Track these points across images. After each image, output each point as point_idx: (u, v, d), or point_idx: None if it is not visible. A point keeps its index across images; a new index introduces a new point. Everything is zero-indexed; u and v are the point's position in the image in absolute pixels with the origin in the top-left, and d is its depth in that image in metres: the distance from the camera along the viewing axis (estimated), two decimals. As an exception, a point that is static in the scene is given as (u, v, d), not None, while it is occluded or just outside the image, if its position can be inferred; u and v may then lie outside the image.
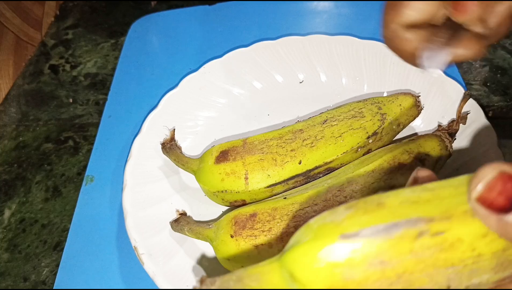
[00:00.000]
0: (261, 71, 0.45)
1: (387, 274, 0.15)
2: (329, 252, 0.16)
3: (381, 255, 0.15)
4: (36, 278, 0.36)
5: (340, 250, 0.15)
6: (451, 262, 0.16)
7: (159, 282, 0.30)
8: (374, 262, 0.15)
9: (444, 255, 0.16)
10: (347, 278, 0.15)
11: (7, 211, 0.41)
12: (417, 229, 0.15)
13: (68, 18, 0.63)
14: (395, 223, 0.15)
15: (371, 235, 0.15)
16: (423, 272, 0.15)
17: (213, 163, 0.34)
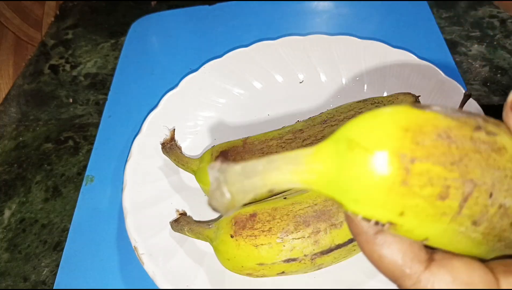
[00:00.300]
0: (261, 71, 0.45)
1: (452, 151, 0.15)
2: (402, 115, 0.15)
3: (448, 130, 0.15)
4: (36, 278, 0.36)
5: (413, 115, 0.15)
6: (498, 165, 0.16)
7: (159, 282, 0.30)
8: (443, 135, 0.15)
9: (494, 155, 0.16)
10: (418, 142, 0.15)
11: (7, 211, 0.41)
12: (476, 122, 0.16)
13: (68, 18, 0.63)
14: (459, 110, 0.16)
15: (441, 111, 0.16)
16: (477, 164, 0.15)
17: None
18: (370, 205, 0.15)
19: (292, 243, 0.28)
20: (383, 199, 0.15)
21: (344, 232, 0.29)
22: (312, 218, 0.29)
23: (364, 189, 0.15)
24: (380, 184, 0.14)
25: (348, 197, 0.15)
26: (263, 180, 0.15)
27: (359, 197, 0.15)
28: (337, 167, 0.15)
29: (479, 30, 0.50)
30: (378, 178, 0.14)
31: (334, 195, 0.15)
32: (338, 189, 0.15)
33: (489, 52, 0.47)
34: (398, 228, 0.15)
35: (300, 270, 0.30)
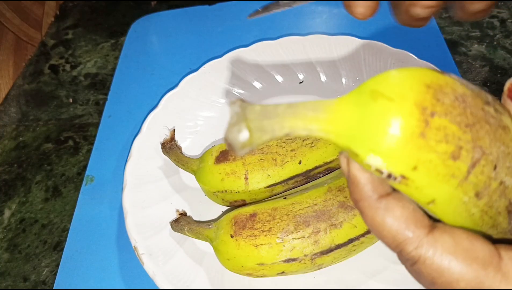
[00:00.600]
0: (261, 71, 0.45)
1: (467, 114, 0.16)
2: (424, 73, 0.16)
3: (465, 96, 0.16)
4: (36, 278, 0.36)
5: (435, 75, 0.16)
6: (503, 140, 0.16)
7: (159, 282, 0.30)
8: (459, 99, 0.16)
9: (500, 131, 0.16)
10: (439, 99, 0.15)
11: (7, 211, 0.41)
12: (486, 97, 0.17)
13: (68, 18, 0.63)
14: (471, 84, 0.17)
15: (458, 79, 0.17)
16: (487, 133, 0.16)
17: (213, 163, 0.34)
18: (387, 155, 0.15)
19: (292, 243, 0.28)
20: (400, 150, 0.15)
21: (344, 232, 0.29)
22: (312, 218, 0.29)
23: (383, 138, 0.15)
24: (399, 135, 0.15)
25: (365, 147, 0.15)
26: (282, 122, 0.15)
27: (377, 147, 0.15)
28: (358, 116, 0.15)
29: (479, 30, 0.50)
30: (398, 128, 0.15)
31: (351, 144, 0.16)
32: (356, 138, 0.15)
33: (489, 52, 0.47)
34: (409, 184, 0.16)
35: (300, 270, 0.30)
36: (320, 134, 0.16)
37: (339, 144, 0.16)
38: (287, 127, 0.15)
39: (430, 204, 0.16)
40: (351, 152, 0.16)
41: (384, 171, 0.15)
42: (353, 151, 0.16)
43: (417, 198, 0.16)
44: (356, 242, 0.29)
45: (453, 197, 0.16)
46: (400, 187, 0.16)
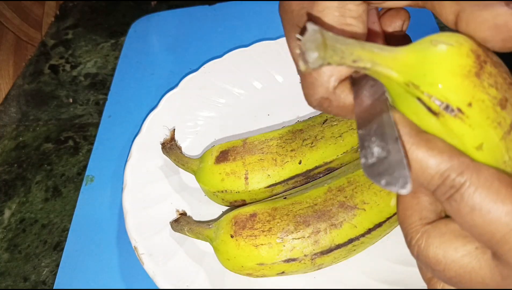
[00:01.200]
0: (261, 71, 0.45)
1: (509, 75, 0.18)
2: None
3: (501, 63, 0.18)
4: (36, 278, 0.36)
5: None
6: None
7: (159, 282, 0.30)
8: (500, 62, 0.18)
9: None
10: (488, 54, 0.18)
11: (7, 211, 0.41)
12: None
13: (68, 18, 0.63)
14: None
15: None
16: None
17: (213, 163, 0.34)
18: (446, 87, 0.17)
19: (292, 243, 0.28)
20: (458, 83, 0.17)
21: (344, 232, 0.29)
22: (312, 218, 0.29)
23: (443, 73, 0.17)
24: (458, 69, 0.17)
25: (426, 80, 0.17)
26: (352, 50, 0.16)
27: (437, 79, 0.17)
28: (419, 56, 0.17)
29: (479, 30, 0.50)
30: (457, 65, 0.17)
31: (412, 78, 0.17)
32: (417, 73, 0.17)
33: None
34: (464, 119, 0.17)
35: (300, 270, 0.30)
36: (382, 69, 0.17)
37: (399, 79, 0.17)
38: (355, 55, 0.16)
39: (478, 149, 0.17)
40: (411, 85, 0.17)
41: (444, 102, 0.17)
42: (414, 83, 0.17)
43: (467, 139, 0.17)
44: (356, 242, 0.29)
45: (497, 149, 0.17)
46: (454, 123, 0.17)
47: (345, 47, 0.16)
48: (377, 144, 0.17)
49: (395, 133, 0.17)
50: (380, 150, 0.17)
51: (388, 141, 0.17)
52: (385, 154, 0.17)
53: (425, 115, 0.17)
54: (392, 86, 0.18)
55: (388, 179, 0.16)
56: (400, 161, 0.16)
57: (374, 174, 0.17)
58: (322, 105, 0.21)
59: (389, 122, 0.18)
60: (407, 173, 0.16)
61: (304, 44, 0.15)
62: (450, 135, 0.17)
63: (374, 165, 0.17)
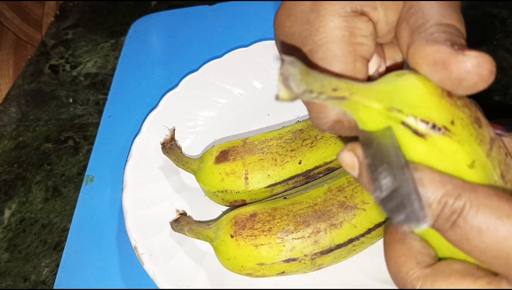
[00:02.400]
0: (261, 71, 0.45)
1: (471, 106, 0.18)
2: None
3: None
4: (36, 278, 0.36)
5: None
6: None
7: (159, 282, 0.30)
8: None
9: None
10: None
11: (7, 211, 0.41)
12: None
13: (68, 18, 0.63)
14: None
15: None
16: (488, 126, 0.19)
17: (213, 163, 0.34)
18: (427, 107, 0.17)
19: (292, 243, 0.28)
20: (437, 102, 0.17)
21: (344, 232, 0.29)
22: (312, 218, 0.29)
23: (420, 94, 0.17)
24: (433, 90, 0.17)
25: (407, 104, 0.17)
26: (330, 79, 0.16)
27: (417, 101, 0.17)
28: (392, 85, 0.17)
29: (479, 30, 0.50)
30: (430, 87, 0.17)
31: (393, 104, 0.17)
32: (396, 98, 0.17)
33: (489, 52, 0.47)
34: (452, 136, 0.17)
35: (300, 270, 0.30)
36: (361, 98, 0.17)
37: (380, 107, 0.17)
38: (334, 84, 0.16)
39: (471, 167, 0.17)
40: (394, 110, 0.17)
41: (429, 121, 0.17)
42: (396, 108, 0.17)
43: (460, 157, 0.17)
44: (356, 242, 0.29)
45: (486, 166, 0.17)
46: (444, 142, 0.17)
47: (323, 76, 0.16)
48: (385, 174, 0.16)
49: (401, 159, 0.16)
50: (389, 181, 0.16)
51: (395, 168, 0.16)
52: (395, 185, 0.16)
53: (410, 140, 0.17)
54: (371, 118, 0.17)
55: (406, 214, 0.15)
56: (412, 192, 0.16)
57: (391, 210, 0.16)
58: (334, 128, 0.20)
59: (393, 146, 0.17)
60: (423, 205, 0.15)
61: (286, 71, 0.15)
62: (441, 156, 0.17)
63: (387, 199, 0.16)
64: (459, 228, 0.16)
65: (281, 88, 0.15)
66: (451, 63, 0.16)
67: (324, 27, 0.19)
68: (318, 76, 0.15)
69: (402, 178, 0.16)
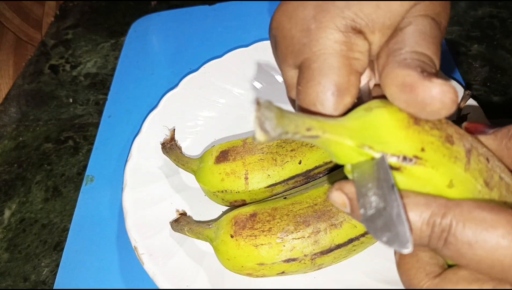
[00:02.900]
0: (261, 71, 0.45)
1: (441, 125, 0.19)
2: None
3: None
4: (36, 278, 0.36)
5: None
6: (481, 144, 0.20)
7: (159, 282, 0.30)
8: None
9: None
10: None
11: (7, 211, 0.41)
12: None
13: (68, 18, 0.63)
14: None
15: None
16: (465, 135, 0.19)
17: (213, 163, 0.34)
18: (397, 142, 0.17)
19: (292, 243, 0.28)
20: (404, 135, 0.17)
21: (344, 232, 0.29)
22: (312, 218, 0.29)
23: (388, 129, 0.18)
24: (399, 123, 0.18)
25: (376, 140, 0.18)
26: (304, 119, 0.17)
27: (385, 137, 0.18)
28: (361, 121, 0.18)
29: (479, 30, 0.50)
30: (396, 119, 0.18)
31: (364, 141, 0.17)
32: (366, 135, 0.18)
33: (489, 52, 0.47)
34: (425, 163, 0.17)
35: (300, 270, 0.30)
36: (333, 136, 0.17)
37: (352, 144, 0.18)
38: (307, 124, 0.17)
39: (450, 187, 0.17)
40: (366, 147, 0.18)
41: (399, 155, 0.17)
42: (367, 145, 0.17)
43: (437, 181, 0.17)
44: (356, 242, 0.29)
45: (466, 181, 0.18)
46: (418, 170, 0.17)
47: (297, 117, 0.16)
48: (374, 191, 0.17)
49: (391, 179, 0.17)
50: (378, 199, 0.17)
51: (384, 188, 0.17)
52: (383, 204, 0.16)
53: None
54: (344, 154, 0.18)
55: (389, 236, 0.16)
56: (399, 216, 0.16)
57: (375, 229, 0.16)
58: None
59: (382, 164, 0.17)
60: (406, 230, 0.16)
61: (262, 115, 0.15)
62: (419, 183, 0.18)
63: (373, 217, 0.16)
64: (452, 245, 0.17)
65: (257, 131, 0.15)
66: (417, 87, 0.17)
67: (324, 38, 0.19)
68: (293, 117, 0.16)
69: (389, 198, 0.16)
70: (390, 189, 0.17)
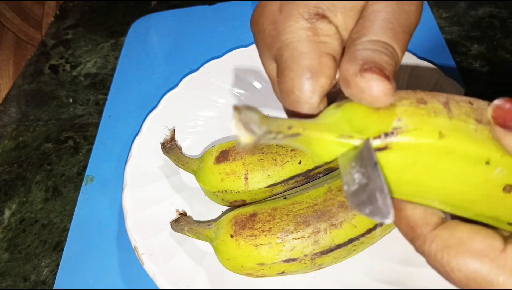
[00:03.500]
0: (261, 71, 0.45)
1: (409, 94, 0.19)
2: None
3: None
4: (36, 278, 0.36)
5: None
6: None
7: (159, 282, 0.30)
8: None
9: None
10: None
11: (7, 211, 0.41)
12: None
13: (68, 18, 0.63)
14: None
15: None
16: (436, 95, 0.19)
17: (213, 163, 0.34)
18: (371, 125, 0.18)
19: (292, 243, 0.28)
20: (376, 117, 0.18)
21: (344, 232, 0.29)
22: (312, 218, 0.29)
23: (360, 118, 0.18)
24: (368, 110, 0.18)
25: (353, 130, 0.18)
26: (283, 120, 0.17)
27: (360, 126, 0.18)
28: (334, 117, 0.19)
29: (479, 30, 0.50)
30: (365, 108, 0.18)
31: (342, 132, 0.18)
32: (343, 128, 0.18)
33: (489, 52, 0.47)
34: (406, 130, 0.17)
35: (300, 270, 0.30)
36: (313, 133, 0.18)
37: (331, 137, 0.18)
38: (287, 123, 0.17)
39: (442, 137, 0.18)
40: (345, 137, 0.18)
41: (380, 134, 0.18)
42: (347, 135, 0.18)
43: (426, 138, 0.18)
44: (356, 242, 0.29)
45: (456, 126, 0.18)
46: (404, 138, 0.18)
47: (278, 118, 0.17)
48: (357, 169, 0.17)
49: (373, 157, 0.17)
50: (360, 176, 0.17)
51: (367, 166, 0.17)
52: (366, 180, 0.17)
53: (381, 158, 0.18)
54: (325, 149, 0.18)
55: (372, 208, 0.16)
56: (381, 189, 0.16)
57: (357, 203, 0.17)
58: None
59: (365, 148, 0.18)
60: (388, 202, 0.16)
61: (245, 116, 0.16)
62: (412, 150, 0.18)
63: (357, 192, 0.17)
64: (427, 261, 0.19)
65: (242, 133, 0.16)
66: (351, 82, 0.18)
67: (290, 27, 0.21)
68: (274, 118, 0.17)
69: (372, 175, 0.17)
70: (373, 167, 0.17)
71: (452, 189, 0.19)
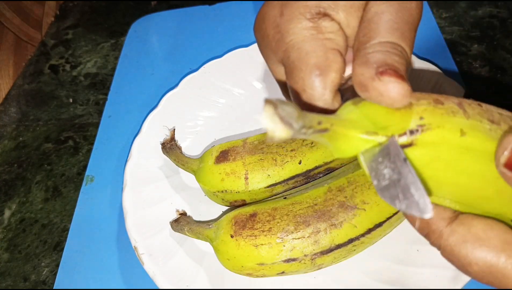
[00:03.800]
0: (261, 71, 0.45)
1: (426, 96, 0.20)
2: None
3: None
4: (36, 278, 0.36)
5: None
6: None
7: (159, 282, 0.30)
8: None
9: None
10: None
11: (7, 211, 0.41)
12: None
13: (68, 18, 0.63)
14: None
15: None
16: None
17: (213, 163, 0.34)
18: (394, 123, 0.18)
19: (292, 243, 0.28)
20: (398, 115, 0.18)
21: (344, 232, 0.29)
22: (312, 218, 0.29)
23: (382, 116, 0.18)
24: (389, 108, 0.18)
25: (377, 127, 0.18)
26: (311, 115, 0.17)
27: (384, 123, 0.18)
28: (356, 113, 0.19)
29: (479, 30, 0.50)
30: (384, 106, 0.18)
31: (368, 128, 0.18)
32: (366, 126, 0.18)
33: (489, 52, 0.47)
34: (430, 127, 0.18)
35: (300, 270, 0.30)
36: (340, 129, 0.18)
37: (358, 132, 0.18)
38: (317, 118, 0.17)
39: (463, 135, 0.18)
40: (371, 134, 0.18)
41: (406, 131, 0.18)
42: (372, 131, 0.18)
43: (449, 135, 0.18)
44: (356, 242, 0.29)
45: (474, 125, 0.18)
46: (428, 135, 0.18)
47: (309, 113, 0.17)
48: (386, 165, 0.17)
49: (401, 154, 0.17)
50: (390, 171, 0.17)
51: (397, 162, 0.17)
52: (397, 176, 0.17)
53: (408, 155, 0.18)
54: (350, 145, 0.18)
55: (408, 203, 0.16)
56: (416, 184, 0.16)
57: (390, 197, 0.17)
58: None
59: (392, 145, 0.18)
60: (425, 197, 0.16)
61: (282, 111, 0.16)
62: (436, 147, 0.18)
63: (388, 187, 0.17)
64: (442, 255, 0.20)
65: (279, 127, 0.15)
66: (368, 86, 0.18)
67: (293, 28, 0.21)
68: (306, 113, 0.17)
69: (403, 171, 0.17)
70: (403, 163, 0.17)
71: (467, 184, 0.19)
